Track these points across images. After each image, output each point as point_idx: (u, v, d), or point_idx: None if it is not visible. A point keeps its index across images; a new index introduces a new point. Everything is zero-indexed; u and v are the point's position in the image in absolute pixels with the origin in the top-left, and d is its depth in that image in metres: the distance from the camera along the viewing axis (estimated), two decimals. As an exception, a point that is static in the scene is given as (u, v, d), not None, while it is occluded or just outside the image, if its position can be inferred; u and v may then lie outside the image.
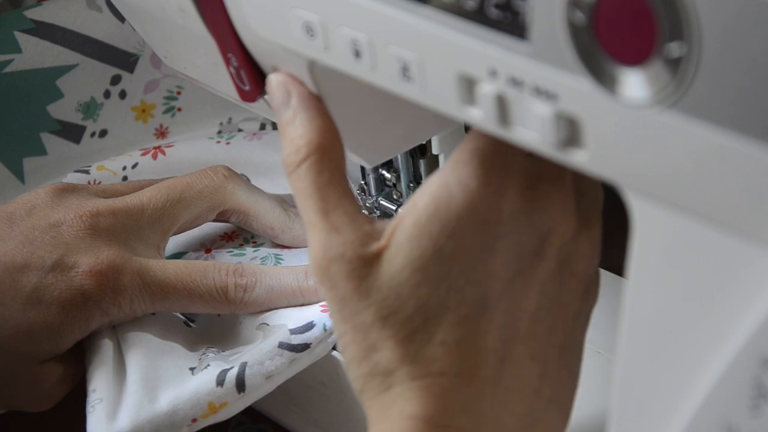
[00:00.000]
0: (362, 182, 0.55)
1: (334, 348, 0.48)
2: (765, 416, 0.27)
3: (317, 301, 0.48)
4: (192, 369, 0.46)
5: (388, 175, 0.54)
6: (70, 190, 0.50)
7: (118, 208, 0.49)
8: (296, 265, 0.50)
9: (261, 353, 0.46)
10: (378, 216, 0.55)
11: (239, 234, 0.56)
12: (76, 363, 0.47)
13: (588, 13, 0.26)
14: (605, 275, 0.51)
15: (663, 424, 0.30)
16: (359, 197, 0.55)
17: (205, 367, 0.46)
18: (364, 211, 0.55)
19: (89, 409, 0.44)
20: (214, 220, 0.54)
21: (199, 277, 0.47)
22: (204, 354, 0.48)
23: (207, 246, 0.55)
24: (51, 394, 0.48)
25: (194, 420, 0.44)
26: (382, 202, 0.54)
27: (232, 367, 0.45)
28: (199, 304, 0.47)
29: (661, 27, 0.24)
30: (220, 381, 0.45)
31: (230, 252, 0.55)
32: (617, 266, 0.36)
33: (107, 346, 0.46)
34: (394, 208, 0.54)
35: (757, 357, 0.27)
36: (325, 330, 0.47)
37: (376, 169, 0.53)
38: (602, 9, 0.25)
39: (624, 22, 0.25)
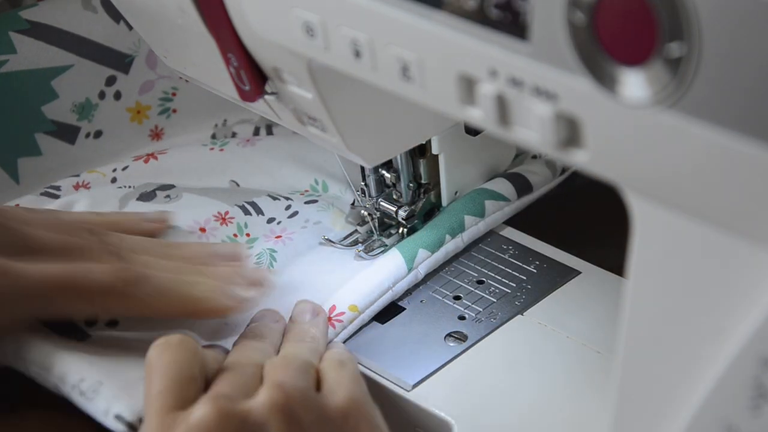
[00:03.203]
0: (362, 183, 0.55)
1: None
2: (765, 416, 0.27)
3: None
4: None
5: (388, 175, 0.54)
6: None
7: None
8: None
9: None
10: (378, 216, 0.55)
11: (233, 217, 0.56)
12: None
13: (588, 13, 0.26)
14: (605, 275, 0.51)
15: (663, 424, 0.30)
16: (359, 198, 0.55)
17: None
18: (364, 212, 0.55)
19: (88, 396, 0.42)
20: None
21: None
22: None
23: (201, 225, 0.55)
24: None
25: None
26: (381, 202, 0.54)
27: None
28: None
29: (661, 27, 0.25)
30: None
31: (224, 241, 0.54)
32: (617, 266, 0.37)
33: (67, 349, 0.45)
34: (393, 208, 0.54)
35: (757, 357, 0.27)
36: None
37: (376, 169, 0.53)
38: (602, 9, 0.25)
39: (624, 22, 0.25)
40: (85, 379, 0.43)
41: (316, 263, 0.53)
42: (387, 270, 0.50)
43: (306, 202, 0.57)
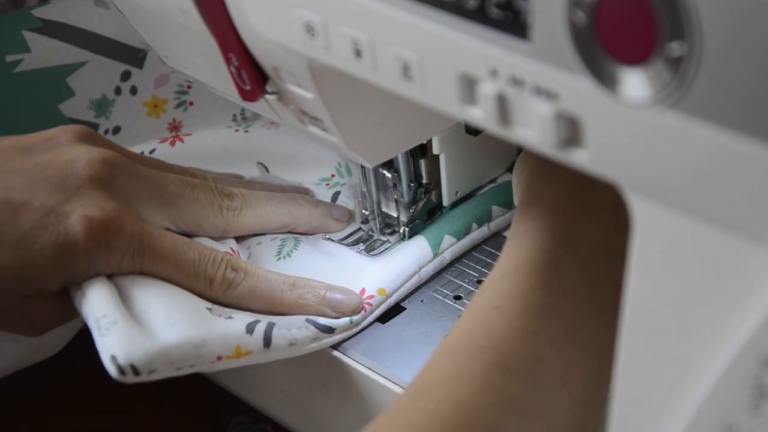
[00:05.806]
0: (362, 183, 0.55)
1: (335, 348, 0.48)
2: (765, 416, 0.27)
3: (293, 314, 0.48)
4: (209, 309, 0.46)
5: (388, 175, 0.54)
6: (95, 139, 0.50)
7: (141, 173, 0.49)
8: (287, 275, 0.49)
9: (289, 321, 0.47)
10: (378, 216, 0.55)
11: None
12: (65, 300, 0.47)
13: (589, 12, 0.26)
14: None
15: (663, 424, 0.30)
16: (359, 198, 0.55)
17: (228, 317, 0.46)
18: (364, 211, 0.55)
19: (102, 332, 0.43)
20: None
21: (194, 260, 0.47)
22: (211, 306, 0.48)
23: None
24: (39, 326, 0.49)
25: (219, 358, 0.44)
26: (382, 202, 0.54)
27: (259, 321, 0.45)
28: (184, 281, 0.47)
29: (661, 26, 0.25)
30: (250, 329, 0.45)
31: None
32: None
33: (103, 282, 0.46)
34: (394, 208, 0.54)
35: (757, 357, 0.27)
36: (351, 322, 0.48)
37: (376, 169, 0.54)
38: (603, 8, 0.25)
39: (625, 22, 0.25)
40: (106, 315, 0.43)
41: (339, 249, 0.54)
42: (413, 255, 0.51)
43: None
